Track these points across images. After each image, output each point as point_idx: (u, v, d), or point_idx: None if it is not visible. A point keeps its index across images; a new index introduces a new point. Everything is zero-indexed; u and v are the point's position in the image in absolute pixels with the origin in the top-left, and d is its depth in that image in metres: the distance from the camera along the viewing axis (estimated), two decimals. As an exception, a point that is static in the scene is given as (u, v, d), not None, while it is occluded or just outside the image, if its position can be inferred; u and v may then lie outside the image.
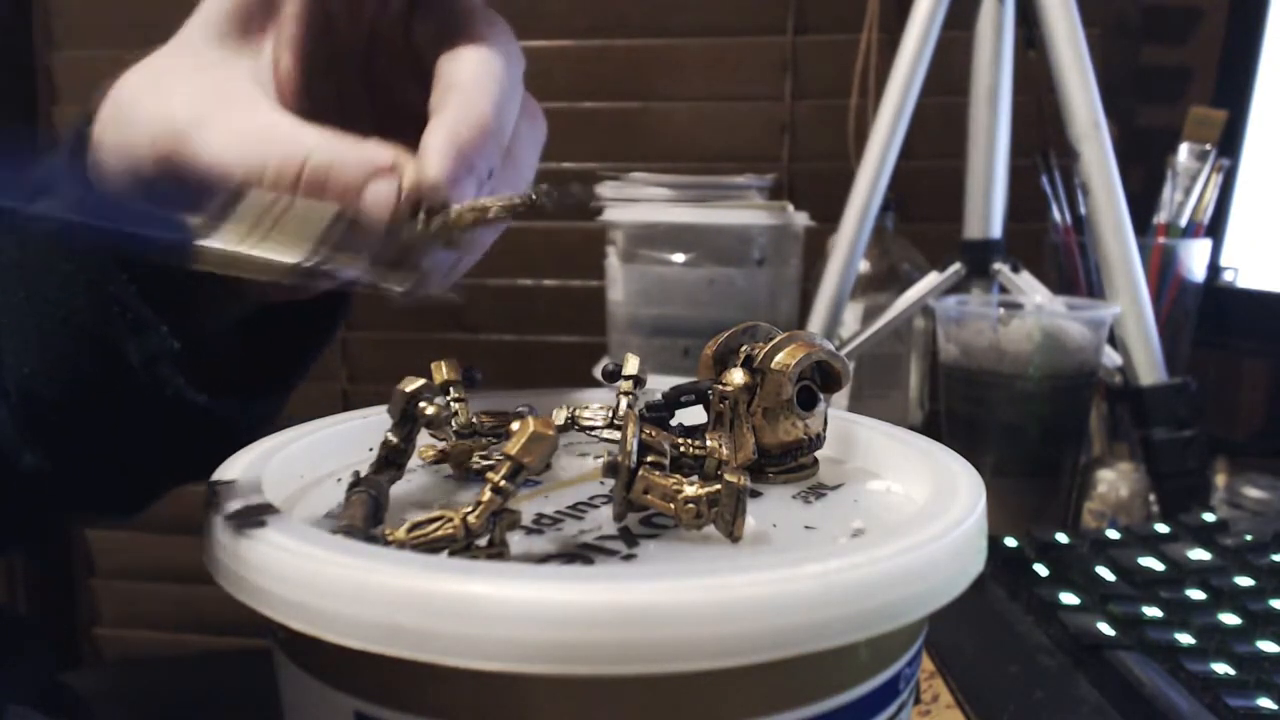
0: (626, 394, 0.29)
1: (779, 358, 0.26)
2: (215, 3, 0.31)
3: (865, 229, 0.71)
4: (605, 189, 0.81)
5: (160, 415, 0.36)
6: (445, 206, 0.26)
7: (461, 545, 0.20)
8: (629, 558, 0.21)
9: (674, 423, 0.29)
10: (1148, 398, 0.62)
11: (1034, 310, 0.63)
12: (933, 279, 0.71)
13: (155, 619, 1.22)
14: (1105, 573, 0.46)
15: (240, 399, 0.37)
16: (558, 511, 0.24)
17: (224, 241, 0.22)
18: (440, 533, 0.20)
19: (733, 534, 0.21)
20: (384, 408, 0.23)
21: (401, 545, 0.20)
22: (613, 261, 0.80)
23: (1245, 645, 0.38)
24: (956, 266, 0.70)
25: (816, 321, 0.72)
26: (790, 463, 0.27)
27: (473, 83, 0.28)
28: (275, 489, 0.22)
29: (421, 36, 0.32)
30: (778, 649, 0.17)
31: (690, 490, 0.21)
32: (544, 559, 0.21)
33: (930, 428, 0.84)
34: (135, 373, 0.34)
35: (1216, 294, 0.74)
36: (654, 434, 0.24)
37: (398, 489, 0.24)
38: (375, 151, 0.27)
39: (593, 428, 0.30)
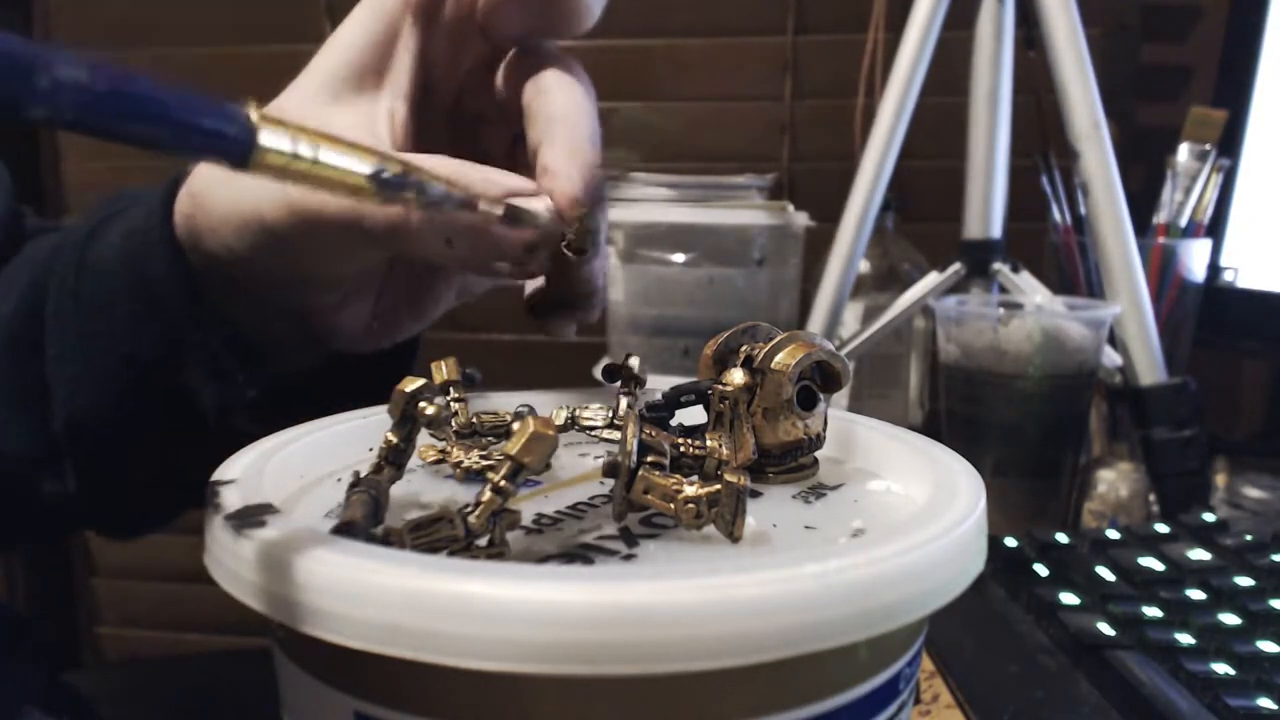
0: (626, 394, 0.29)
1: (779, 358, 0.26)
2: (330, 58, 0.31)
3: (865, 229, 0.71)
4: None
5: (218, 450, 0.36)
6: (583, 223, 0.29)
7: (461, 545, 0.20)
8: (629, 558, 0.21)
9: (674, 423, 0.29)
10: (1148, 398, 0.62)
11: (1034, 310, 0.63)
12: (933, 279, 0.71)
13: (155, 619, 1.22)
14: (1105, 573, 0.46)
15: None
16: (558, 511, 0.24)
17: (282, 143, 0.19)
18: (440, 533, 0.20)
19: (733, 534, 0.21)
20: (384, 408, 0.23)
21: (401, 545, 0.20)
22: (613, 261, 0.80)
23: (1245, 645, 0.38)
24: (956, 266, 0.70)
25: (816, 321, 0.72)
26: (790, 463, 0.26)
27: (575, 114, 0.30)
28: (275, 489, 0.22)
29: (505, 80, 0.33)
30: (778, 649, 0.17)
31: (690, 490, 0.21)
32: (544, 559, 0.21)
33: (930, 428, 0.84)
34: (203, 417, 0.34)
35: (1216, 294, 0.74)
36: (654, 434, 0.24)
37: (398, 489, 0.24)
38: (513, 179, 0.29)
39: (593, 428, 0.30)
